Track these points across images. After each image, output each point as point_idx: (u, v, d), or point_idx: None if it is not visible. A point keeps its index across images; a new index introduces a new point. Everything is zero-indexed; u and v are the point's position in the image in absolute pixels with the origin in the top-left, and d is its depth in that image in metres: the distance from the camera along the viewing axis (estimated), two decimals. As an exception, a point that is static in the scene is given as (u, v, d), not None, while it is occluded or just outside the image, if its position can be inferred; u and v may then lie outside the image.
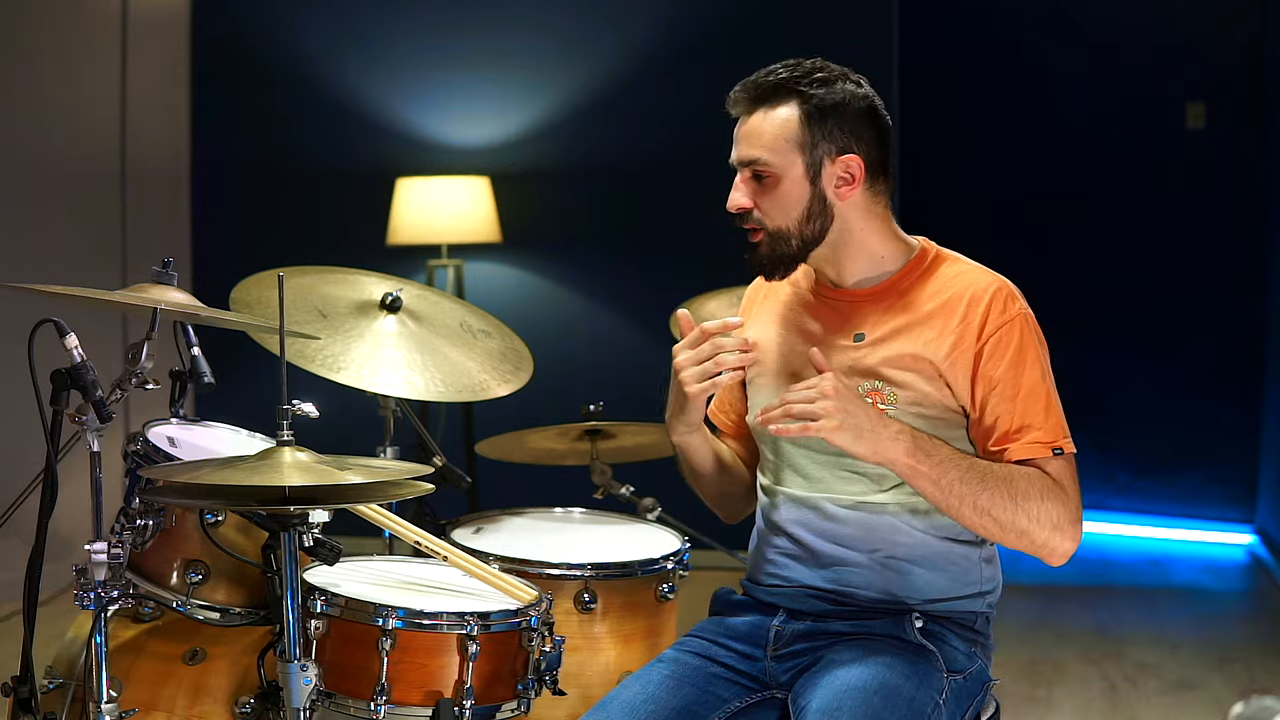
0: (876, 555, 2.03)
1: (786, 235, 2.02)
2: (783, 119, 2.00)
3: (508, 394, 2.67)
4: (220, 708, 2.18)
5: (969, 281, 2.04)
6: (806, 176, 2.01)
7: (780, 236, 2.02)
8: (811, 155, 2.00)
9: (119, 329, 4.85)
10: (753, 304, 2.23)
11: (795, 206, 2.01)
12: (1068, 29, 6.33)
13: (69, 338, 1.93)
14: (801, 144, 2.00)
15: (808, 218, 2.02)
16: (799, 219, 2.02)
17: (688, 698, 1.98)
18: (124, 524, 2.05)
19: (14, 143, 4.69)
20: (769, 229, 2.02)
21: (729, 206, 2.04)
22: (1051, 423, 1.98)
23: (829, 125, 2.00)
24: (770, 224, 2.02)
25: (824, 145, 2.00)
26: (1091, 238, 6.30)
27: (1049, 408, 1.98)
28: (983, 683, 2.05)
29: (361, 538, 2.51)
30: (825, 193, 2.02)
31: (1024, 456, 1.97)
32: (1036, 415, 1.97)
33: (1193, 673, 4.16)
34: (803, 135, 1.99)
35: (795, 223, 2.02)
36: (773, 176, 2.00)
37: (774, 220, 2.02)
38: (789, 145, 2.00)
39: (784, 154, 2.00)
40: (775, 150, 1.99)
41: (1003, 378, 1.98)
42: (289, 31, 5.56)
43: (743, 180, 2.03)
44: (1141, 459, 6.32)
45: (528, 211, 5.40)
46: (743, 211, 2.03)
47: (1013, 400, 1.97)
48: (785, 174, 2.00)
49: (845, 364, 2.04)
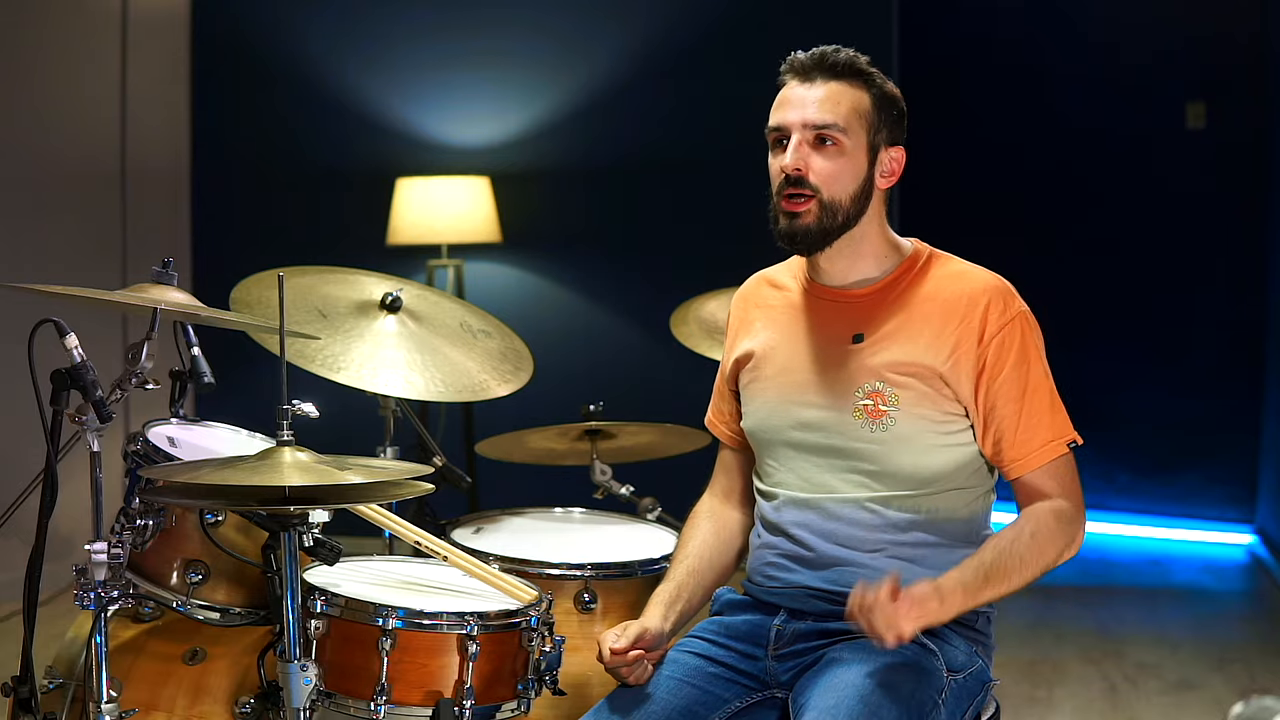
0: (878, 556, 2.03)
1: (836, 208, 2.02)
2: (857, 95, 2.03)
3: (508, 394, 2.67)
4: (220, 708, 2.18)
5: (966, 282, 2.05)
6: (867, 156, 2.03)
7: (831, 208, 2.01)
8: (874, 138, 2.04)
9: (119, 329, 4.85)
10: (745, 317, 2.21)
11: (852, 181, 2.02)
12: (1068, 29, 6.33)
13: (69, 338, 1.93)
14: (870, 124, 2.03)
15: (856, 196, 2.03)
16: (852, 195, 2.02)
17: (689, 697, 1.98)
18: (124, 524, 2.05)
19: (14, 143, 4.69)
20: (823, 197, 2.01)
21: (788, 166, 2.00)
22: (1058, 419, 2.01)
23: (889, 114, 2.05)
24: (826, 193, 2.01)
25: (883, 132, 2.05)
26: (1091, 238, 6.30)
27: (1053, 404, 2.02)
28: (983, 683, 2.05)
29: (361, 538, 2.51)
30: (874, 177, 2.05)
31: (1042, 463, 2.00)
32: (1042, 414, 2.00)
33: (1193, 673, 4.16)
34: (872, 116, 2.03)
35: (849, 197, 2.02)
36: (839, 145, 2.01)
37: (829, 189, 2.01)
38: (860, 121, 2.02)
39: (855, 127, 2.02)
40: (849, 120, 2.01)
41: (1007, 378, 1.99)
42: (289, 31, 5.56)
43: (802, 143, 2.01)
44: (1141, 459, 6.32)
45: (528, 211, 5.40)
46: (800, 175, 2.01)
47: (1019, 400, 1.99)
48: (852, 146, 2.02)
49: (846, 365, 2.05)
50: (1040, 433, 2.00)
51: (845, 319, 2.08)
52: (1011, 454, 2.01)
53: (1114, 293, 6.29)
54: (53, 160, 4.89)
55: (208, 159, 5.66)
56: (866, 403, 2.03)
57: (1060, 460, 2.01)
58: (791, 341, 2.12)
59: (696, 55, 5.29)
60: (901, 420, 2.01)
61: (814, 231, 2.02)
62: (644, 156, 5.36)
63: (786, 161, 2.01)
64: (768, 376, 2.13)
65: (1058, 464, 2.01)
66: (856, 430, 2.03)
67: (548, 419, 2.87)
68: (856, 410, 2.03)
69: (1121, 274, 6.28)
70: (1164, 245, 6.22)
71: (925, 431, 2.01)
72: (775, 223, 2.05)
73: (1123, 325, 6.31)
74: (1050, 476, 2.01)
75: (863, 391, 2.02)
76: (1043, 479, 2.02)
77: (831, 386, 2.06)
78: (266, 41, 5.57)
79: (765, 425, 2.12)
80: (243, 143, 5.66)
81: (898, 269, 2.08)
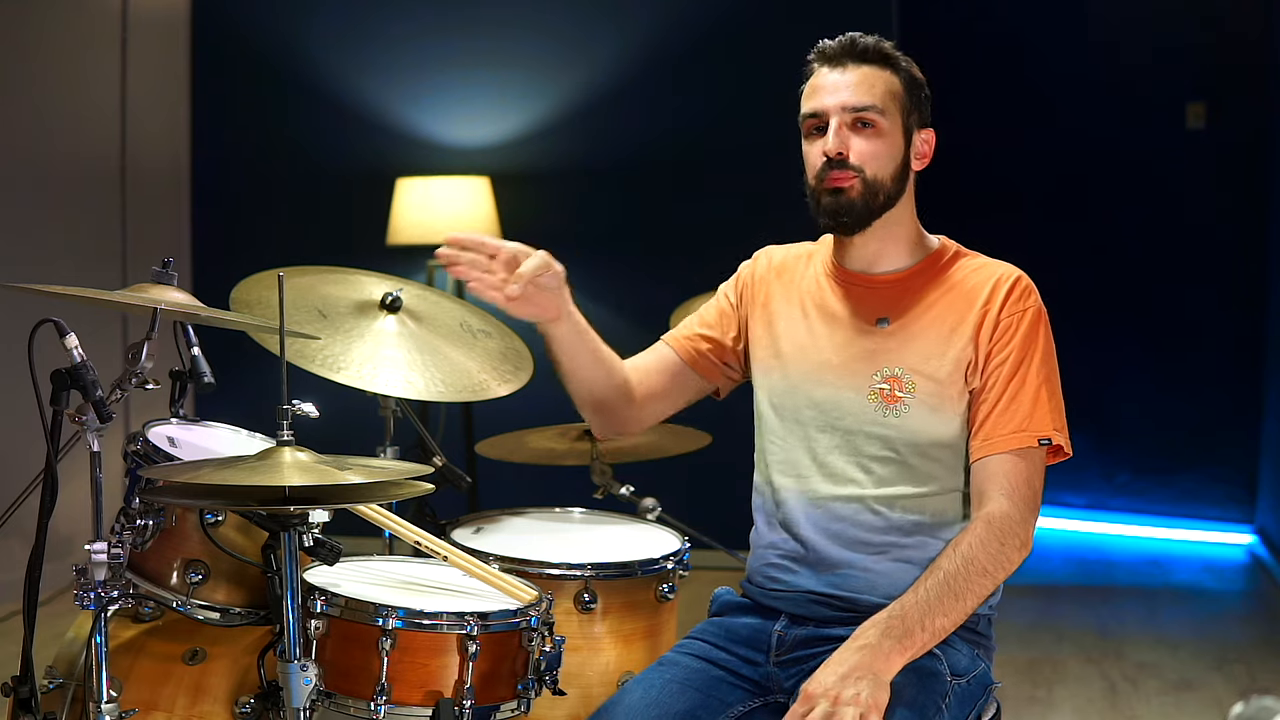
0: (881, 559, 2.03)
1: (878, 187, 2.04)
2: (889, 78, 2.06)
3: (508, 394, 2.67)
4: (220, 708, 2.18)
5: (991, 272, 2.08)
6: (903, 137, 2.06)
7: (875, 186, 2.04)
8: (908, 120, 2.07)
9: (119, 329, 4.85)
10: (763, 281, 2.21)
11: (891, 161, 2.05)
12: (1068, 29, 6.33)
13: (69, 338, 1.93)
14: (904, 106, 2.07)
15: (896, 176, 2.06)
16: (893, 174, 2.05)
17: (691, 701, 1.98)
18: (124, 524, 2.05)
19: (14, 143, 4.68)
20: (866, 176, 2.03)
21: (830, 150, 2.03)
22: (1039, 414, 1.99)
23: (919, 96, 2.09)
24: (869, 172, 2.03)
25: (915, 114, 2.08)
26: (1091, 238, 6.30)
27: (1040, 400, 1.99)
28: (985, 685, 2.04)
29: (361, 538, 2.51)
30: (910, 158, 2.08)
31: (1001, 451, 1.97)
32: (1024, 404, 1.99)
33: (1193, 673, 4.16)
34: (906, 99, 2.07)
35: (890, 176, 2.05)
36: (877, 126, 2.04)
37: (872, 169, 2.04)
38: (896, 103, 2.06)
39: (890, 109, 2.05)
40: (886, 102, 2.04)
41: (1002, 362, 2.00)
42: (289, 31, 5.56)
43: (842, 126, 2.04)
44: (1141, 459, 6.32)
45: (528, 211, 5.40)
46: (843, 157, 2.03)
47: (1005, 385, 2.00)
48: (889, 127, 2.04)
49: (868, 348, 2.06)
50: (1014, 421, 1.99)
51: (870, 303, 2.09)
52: (978, 438, 2.00)
53: (1114, 292, 6.29)
54: (53, 160, 4.89)
55: (208, 159, 5.66)
56: (883, 386, 2.03)
57: (1021, 453, 1.98)
58: (814, 321, 2.13)
59: (696, 55, 5.29)
60: (915, 409, 2.01)
61: (859, 207, 2.04)
62: (644, 156, 5.36)
63: (829, 145, 2.03)
64: (785, 353, 2.14)
65: (1017, 457, 1.98)
66: (869, 413, 2.04)
67: (548, 419, 2.87)
68: (872, 393, 2.04)
69: (1121, 274, 6.28)
70: (1164, 245, 6.22)
71: (936, 425, 2.01)
72: (817, 204, 2.07)
73: (1122, 325, 6.32)
74: (1003, 470, 1.97)
75: (880, 375, 2.04)
76: (994, 469, 1.98)
77: (849, 367, 2.07)
78: (266, 41, 5.57)
79: (779, 402, 2.12)
80: (243, 143, 5.66)
81: (924, 259, 2.11)
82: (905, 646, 1.88)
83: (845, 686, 1.81)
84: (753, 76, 5.16)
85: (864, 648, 1.86)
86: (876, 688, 1.82)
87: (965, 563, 1.92)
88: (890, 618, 1.90)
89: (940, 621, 1.91)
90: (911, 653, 1.89)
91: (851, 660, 1.85)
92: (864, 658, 1.85)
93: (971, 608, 1.94)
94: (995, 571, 1.94)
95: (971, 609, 1.94)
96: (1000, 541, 1.94)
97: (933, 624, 1.90)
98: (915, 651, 1.89)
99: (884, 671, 1.84)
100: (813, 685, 1.84)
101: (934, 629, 1.90)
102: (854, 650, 1.86)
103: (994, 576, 1.94)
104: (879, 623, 1.89)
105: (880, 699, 1.81)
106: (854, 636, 1.89)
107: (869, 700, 1.80)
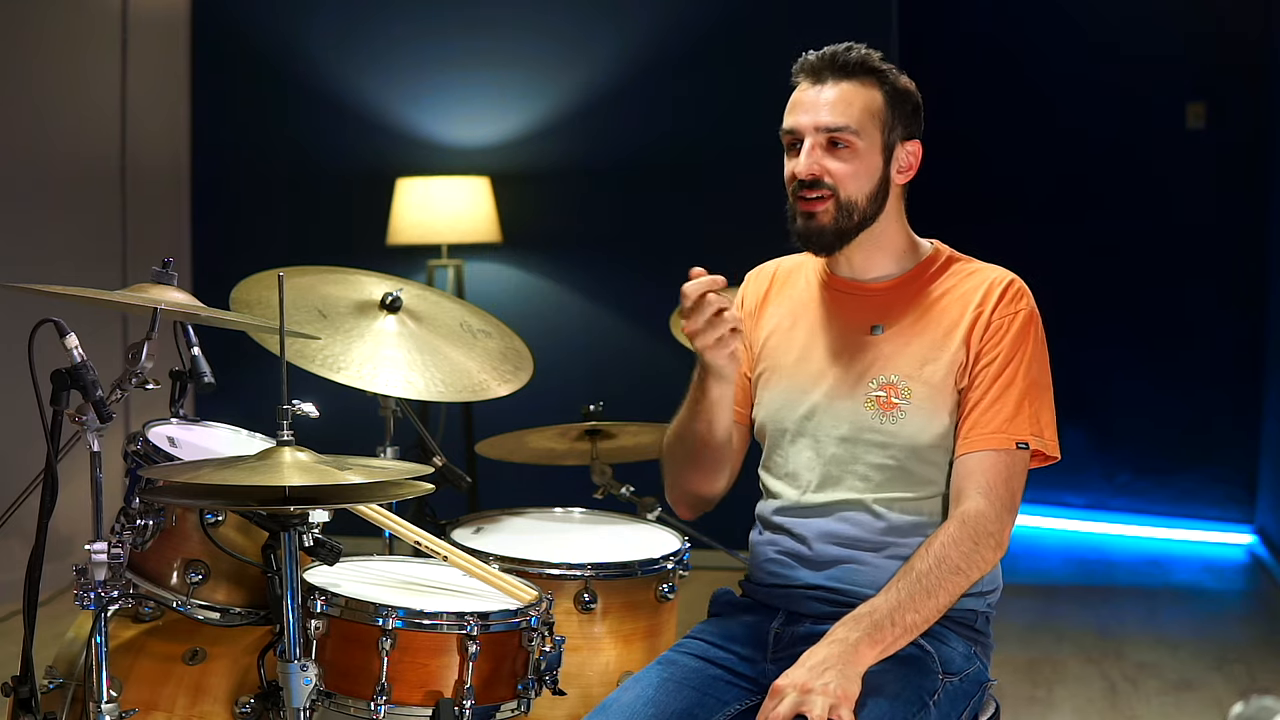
0: (879, 555, 2.04)
1: (853, 208, 2.03)
2: (869, 95, 2.03)
3: (508, 394, 2.67)
4: (220, 708, 2.18)
5: (985, 276, 2.07)
6: (881, 155, 2.04)
7: (848, 208, 2.02)
8: (888, 136, 2.04)
9: (119, 329, 4.85)
10: (761, 297, 2.22)
11: (867, 181, 2.03)
12: (1067, 29, 6.33)
13: (69, 338, 1.93)
14: (883, 122, 2.03)
15: (872, 195, 2.04)
16: (868, 194, 2.03)
17: (688, 700, 1.98)
18: (124, 524, 2.05)
19: (14, 143, 4.69)
20: (840, 198, 2.02)
21: (803, 172, 2.01)
22: (1021, 417, 1.98)
23: (903, 110, 2.05)
24: (842, 193, 2.02)
25: (898, 129, 2.05)
26: (1091, 238, 6.30)
27: (1024, 403, 1.99)
28: (980, 683, 2.04)
29: (361, 538, 2.51)
30: (890, 175, 2.05)
31: (981, 449, 1.97)
32: (1008, 405, 1.98)
33: (1193, 673, 4.16)
34: (885, 114, 2.04)
35: (865, 197, 2.03)
36: (852, 147, 2.02)
37: (846, 190, 2.02)
38: (873, 121, 2.03)
39: (868, 128, 2.02)
40: (862, 122, 2.02)
41: (991, 362, 2.00)
42: (289, 31, 5.56)
43: (815, 147, 2.02)
44: (1141, 459, 6.32)
45: (528, 211, 5.40)
46: (815, 178, 2.02)
47: (990, 384, 1.99)
48: (865, 147, 2.02)
49: (862, 355, 2.06)
50: (996, 421, 1.98)
51: (864, 311, 2.09)
52: (961, 435, 2.00)
53: (1113, 292, 6.29)
54: (53, 160, 4.89)
55: (208, 159, 5.66)
56: (879, 394, 2.03)
57: (1001, 453, 1.97)
58: (808, 331, 2.13)
59: (696, 55, 5.29)
60: (912, 415, 2.01)
61: (829, 232, 2.03)
62: (644, 156, 5.36)
63: (800, 167, 2.02)
64: (782, 366, 2.14)
65: (997, 456, 1.97)
66: (867, 421, 2.04)
67: (548, 419, 2.87)
68: (869, 401, 2.04)
69: (1121, 273, 6.28)
70: (1164, 245, 6.22)
71: (933, 429, 2.01)
72: (792, 223, 2.06)
73: (1122, 325, 6.32)
74: (982, 468, 1.97)
75: (877, 383, 2.04)
76: (974, 467, 1.98)
77: (845, 375, 2.07)
78: (266, 41, 5.57)
79: (777, 416, 2.12)
80: (243, 143, 5.66)
81: (916, 266, 2.10)
82: (875, 641, 1.88)
83: (813, 678, 1.82)
84: (753, 77, 5.15)
85: (834, 643, 1.87)
86: (845, 679, 1.82)
87: (938, 561, 1.93)
88: (860, 615, 1.90)
89: (911, 617, 1.90)
90: (882, 648, 1.89)
91: (820, 654, 1.86)
92: (833, 651, 1.86)
93: (945, 604, 1.93)
94: (969, 570, 1.94)
95: (945, 605, 1.93)
96: (974, 540, 1.94)
97: (903, 619, 1.90)
98: (886, 646, 1.89)
99: (853, 664, 1.85)
100: (781, 680, 1.85)
101: (905, 624, 1.90)
102: (824, 645, 1.88)
103: (968, 575, 1.94)
104: (849, 620, 1.90)
105: (850, 690, 1.82)
106: (827, 635, 1.90)
107: (838, 690, 1.80)
